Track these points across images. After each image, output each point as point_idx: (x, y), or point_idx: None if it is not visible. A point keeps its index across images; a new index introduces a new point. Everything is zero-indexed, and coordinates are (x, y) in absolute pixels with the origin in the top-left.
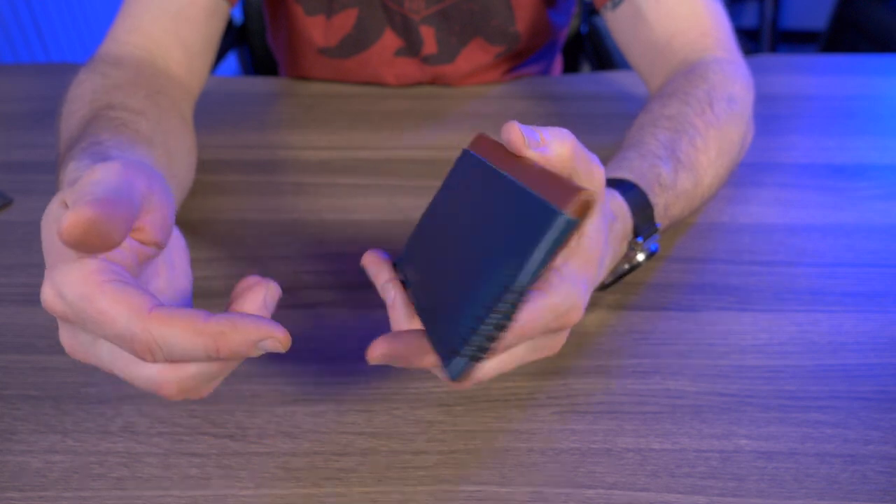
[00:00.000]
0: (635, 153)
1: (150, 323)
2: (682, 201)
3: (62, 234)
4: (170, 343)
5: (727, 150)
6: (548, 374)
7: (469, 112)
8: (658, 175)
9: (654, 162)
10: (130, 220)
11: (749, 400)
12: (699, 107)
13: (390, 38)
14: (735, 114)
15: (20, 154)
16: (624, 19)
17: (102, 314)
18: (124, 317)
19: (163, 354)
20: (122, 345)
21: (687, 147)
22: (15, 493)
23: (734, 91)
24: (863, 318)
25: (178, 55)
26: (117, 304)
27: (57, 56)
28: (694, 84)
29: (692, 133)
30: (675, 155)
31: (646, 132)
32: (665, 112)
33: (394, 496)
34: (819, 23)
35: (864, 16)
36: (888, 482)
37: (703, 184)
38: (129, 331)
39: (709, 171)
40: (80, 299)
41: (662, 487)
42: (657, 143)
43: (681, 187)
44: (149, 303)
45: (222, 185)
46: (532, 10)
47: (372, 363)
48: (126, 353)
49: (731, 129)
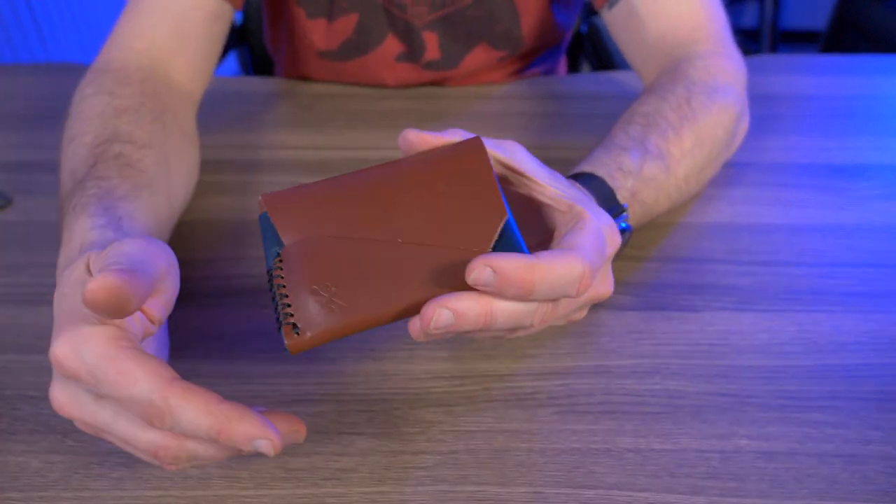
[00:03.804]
0: (602, 148)
1: (169, 391)
2: (652, 188)
3: (86, 293)
4: (181, 414)
5: (706, 142)
6: (548, 374)
7: (469, 112)
8: (620, 163)
9: (618, 153)
10: (147, 293)
11: (749, 400)
12: (676, 102)
13: (392, 43)
14: (718, 105)
15: (20, 154)
16: (620, 18)
17: (123, 375)
18: (146, 381)
19: (171, 423)
20: (132, 407)
21: (657, 139)
22: (15, 493)
23: (718, 84)
24: (863, 318)
25: (180, 60)
26: (141, 369)
27: (57, 56)
28: (675, 80)
29: (664, 126)
30: (643, 146)
31: (619, 129)
32: (641, 109)
33: (394, 496)
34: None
35: (864, 16)
36: (888, 482)
37: (676, 173)
38: (147, 395)
39: (683, 162)
40: (101, 359)
41: (662, 487)
42: (625, 137)
43: (648, 174)
44: (170, 373)
45: (222, 185)
46: (538, 12)
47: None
48: (130, 416)
49: (711, 121)
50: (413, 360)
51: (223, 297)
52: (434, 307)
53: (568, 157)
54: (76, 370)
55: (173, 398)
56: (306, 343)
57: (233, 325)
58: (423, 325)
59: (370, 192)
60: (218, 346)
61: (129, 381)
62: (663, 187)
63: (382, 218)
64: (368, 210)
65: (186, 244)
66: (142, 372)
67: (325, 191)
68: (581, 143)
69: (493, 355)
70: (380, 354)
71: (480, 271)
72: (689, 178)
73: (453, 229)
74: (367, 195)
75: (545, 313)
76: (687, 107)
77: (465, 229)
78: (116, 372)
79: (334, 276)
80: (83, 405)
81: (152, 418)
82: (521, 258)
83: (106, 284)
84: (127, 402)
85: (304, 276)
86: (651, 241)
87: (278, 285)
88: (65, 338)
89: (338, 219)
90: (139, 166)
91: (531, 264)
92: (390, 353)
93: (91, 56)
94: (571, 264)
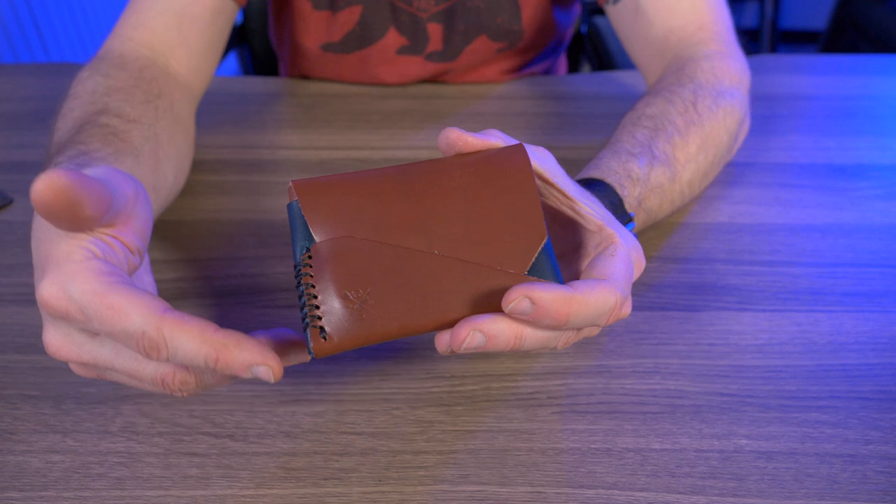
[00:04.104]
0: (610, 152)
1: (163, 322)
2: (657, 195)
3: (32, 193)
4: (177, 345)
5: (711, 147)
6: (548, 374)
7: (469, 112)
8: (629, 170)
9: (627, 158)
10: (105, 203)
11: (749, 400)
12: (682, 105)
13: (393, 36)
14: (723, 109)
15: (20, 154)
16: (625, 14)
17: (114, 309)
18: (139, 314)
19: (168, 354)
20: (128, 341)
21: (664, 144)
22: (15, 493)
23: (723, 87)
24: (863, 318)
25: (181, 53)
26: (132, 302)
27: (57, 56)
28: (681, 82)
29: (671, 130)
30: (651, 151)
31: (625, 131)
32: (647, 111)
33: (394, 496)
34: (819, 23)
35: (864, 16)
36: (888, 482)
37: (681, 179)
38: (141, 327)
39: (688, 167)
40: (90, 294)
41: (662, 487)
42: (633, 141)
43: (655, 181)
44: (162, 305)
45: (222, 185)
46: (538, 8)
47: None
48: (130, 350)
49: (716, 125)
50: (413, 360)
51: (223, 297)
52: (468, 329)
53: (567, 156)
54: (66, 309)
55: (167, 329)
56: (333, 348)
57: (233, 326)
58: (455, 344)
59: (407, 194)
60: None
61: (121, 315)
62: (668, 194)
63: (420, 224)
64: (405, 214)
65: (186, 244)
66: (133, 305)
67: (360, 185)
68: (580, 143)
69: (493, 355)
70: (380, 354)
71: (519, 302)
72: (692, 183)
73: (491, 245)
74: (405, 196)
75: (570, 337)
76: (693, 111)
77: (503, 247)
78: (107, 307)
79: (367, 282)
80: (80, 345)
81: (149, 351)
82: (558, 290)
83: (51, 181)
84: (121, 337)
85: (336, 279)
86: (651, 242)
87: (307, 284)
88: (50, 277)
89: (373, 219)
90: (124, 136)
91: (569, 297)
92: (390, 353)
93: (91, 56)
94: (606, 297)
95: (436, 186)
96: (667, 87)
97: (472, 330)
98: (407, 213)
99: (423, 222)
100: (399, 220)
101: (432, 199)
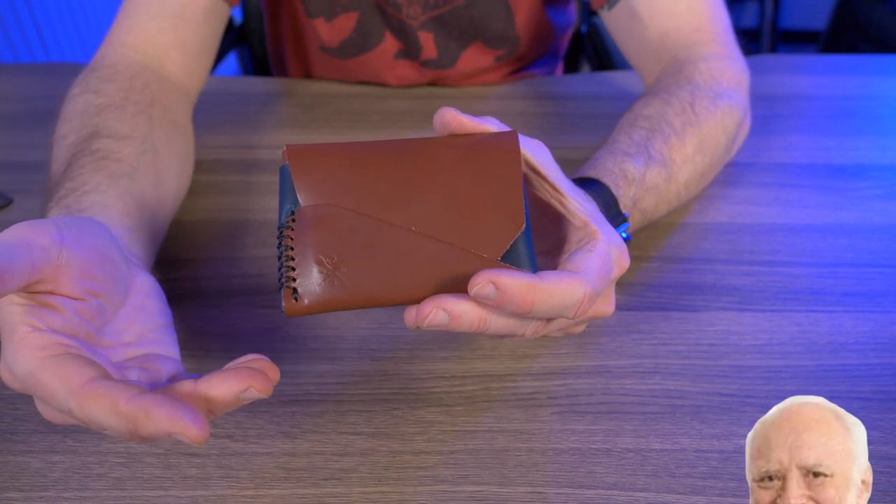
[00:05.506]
0: (606, 152)
1: (80, 399)
2: (652, 195)
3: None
4: (95, 420)
5: (708, 148)
6: (548, 375)
7: (469, 112)
8: (624, 170)
9: (622, 158)
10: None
11: (749, 400)
12: (680, 106)
13: (391, 41)
14: (721, 111)
15: (20, 154)
16: (620, 18)
17: (45, 389)
18: (61, 392)
19: (98, 428)
20: (68, 417)
21: (660, 145)
22: (15, 493)
23: (721, 88)
24: (863, 319)
25: (175, 55)
26: (55, 380)
27: (57, 56)
28: (679, 83)
29: (667, 131)
30: (647, 152)
31: (622, 132)
32: (644, 112)
33: (394, 496)
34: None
35: (864, 16)
36: (888, 482)
37: (677, 180)
38: (66, 405)
39: (684, 168)
40: (28, 376)
41: (662, 488)
42: (629, 142)
43: (650, 182)
44: (82, 377)
45: (222, 185)
46: (531, 12)
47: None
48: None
49: (714, 126)
50: (413, 360)
51: (223, 297)
52: (432, 306)
53: (566, 157)
54: (20, 388)
55: (85, 405)
56: (303, 310)
57: (233, 325)
58: (419, 320)
59: (396, 169)
60: (218, 346)
61: (51, 394)
62: (664, 195)
63: (402, 200)
64: (390, 188)
65: (186, 244)
66: (58, 382)
67: (350, 155)
68: (579, 143)
69: (493, 355)
70: (380, 354)
71: (483, 286)
72: (689, 185)
73: (468, 229)
74: (392, 171)
75: (537, 327)
76: (691, 111)
77: (480, 231)
78: (41, 386)
79: (343, 250)
80: (57, 413)
81: (83, 425)
82: (524, 277)
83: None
84: (64, 412)
85: (314, 244)
86: (651, 242)
87: (286, 246)
88: (2, 358)
89: (357, 190)
90: (117, 157)
91: (533, 285)
92: (390, 353)
93: (91, 56)
94: (573, 288)
95: (424, 164)
96: (664, 88)
97: (437, 307)
98: (392, 188)
99: (405, 198)
100: (383, 194)
101: (419, 176)
